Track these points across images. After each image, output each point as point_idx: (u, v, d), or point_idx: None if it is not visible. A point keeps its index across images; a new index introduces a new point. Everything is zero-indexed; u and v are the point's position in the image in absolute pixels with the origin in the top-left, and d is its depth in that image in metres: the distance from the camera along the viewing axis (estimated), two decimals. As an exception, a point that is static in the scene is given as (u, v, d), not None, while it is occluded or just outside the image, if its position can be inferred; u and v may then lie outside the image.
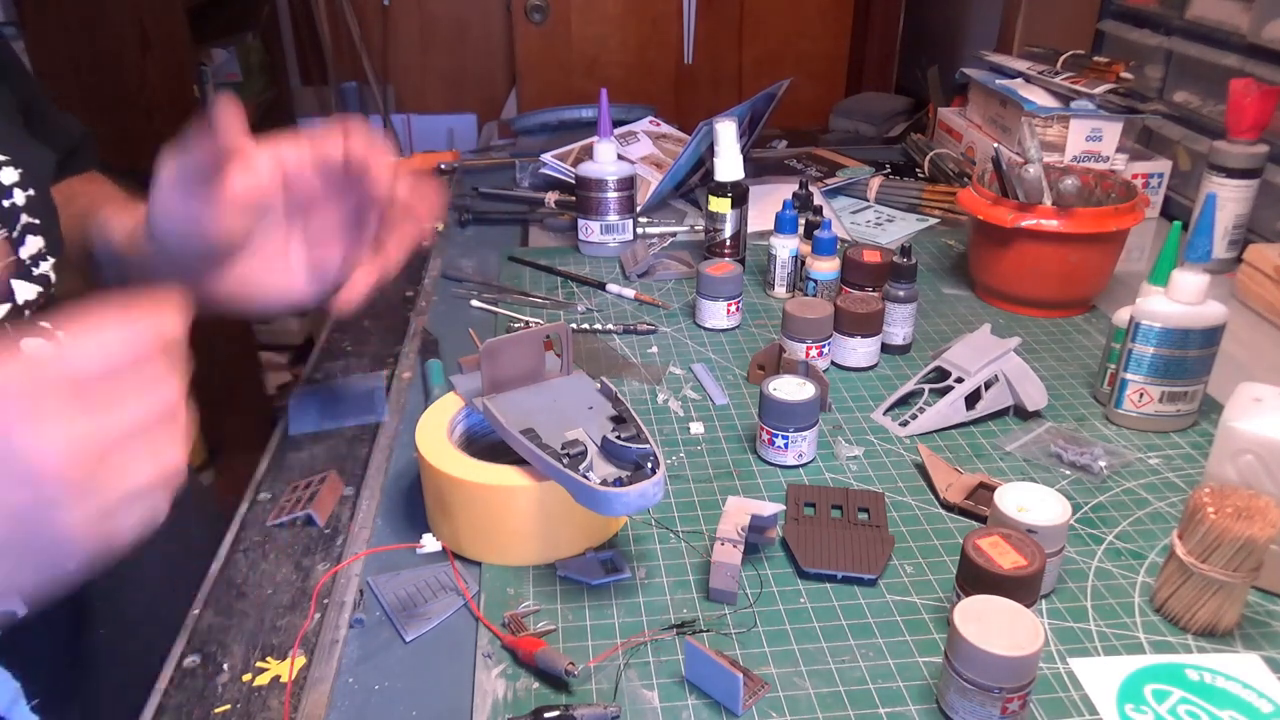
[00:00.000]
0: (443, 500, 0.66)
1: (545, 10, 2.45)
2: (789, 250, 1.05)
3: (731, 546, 0.61)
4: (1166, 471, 0.76)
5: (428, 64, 2.58)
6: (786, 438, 0.75)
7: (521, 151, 1.58)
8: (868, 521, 0.69)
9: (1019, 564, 0.56)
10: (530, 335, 0.70)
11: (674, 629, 0.60)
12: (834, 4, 2.50)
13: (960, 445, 0.80)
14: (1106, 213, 0.96)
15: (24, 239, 0.61)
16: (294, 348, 2.63)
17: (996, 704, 0.51)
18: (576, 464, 0.61)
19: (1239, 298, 1.07)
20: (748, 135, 1.37)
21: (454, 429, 0.70)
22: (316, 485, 0.74)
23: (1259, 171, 1.10)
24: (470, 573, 0.65)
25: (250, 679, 0.57)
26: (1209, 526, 0.57)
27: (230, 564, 0.67)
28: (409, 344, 0.97)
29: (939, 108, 1.60)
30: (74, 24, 1.90)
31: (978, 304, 1.07)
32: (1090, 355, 0.95)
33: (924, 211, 1.32)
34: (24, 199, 0.61)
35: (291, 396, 0.87)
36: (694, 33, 2.50)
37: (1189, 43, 1.29)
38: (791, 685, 0.56)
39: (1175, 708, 0.54)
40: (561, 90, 2.46)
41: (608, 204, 1.17)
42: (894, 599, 0.63)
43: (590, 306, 1.05)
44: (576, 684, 0.56)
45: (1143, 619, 0.61)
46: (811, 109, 2.37)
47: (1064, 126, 1.25)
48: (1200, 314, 0.77)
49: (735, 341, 0.98)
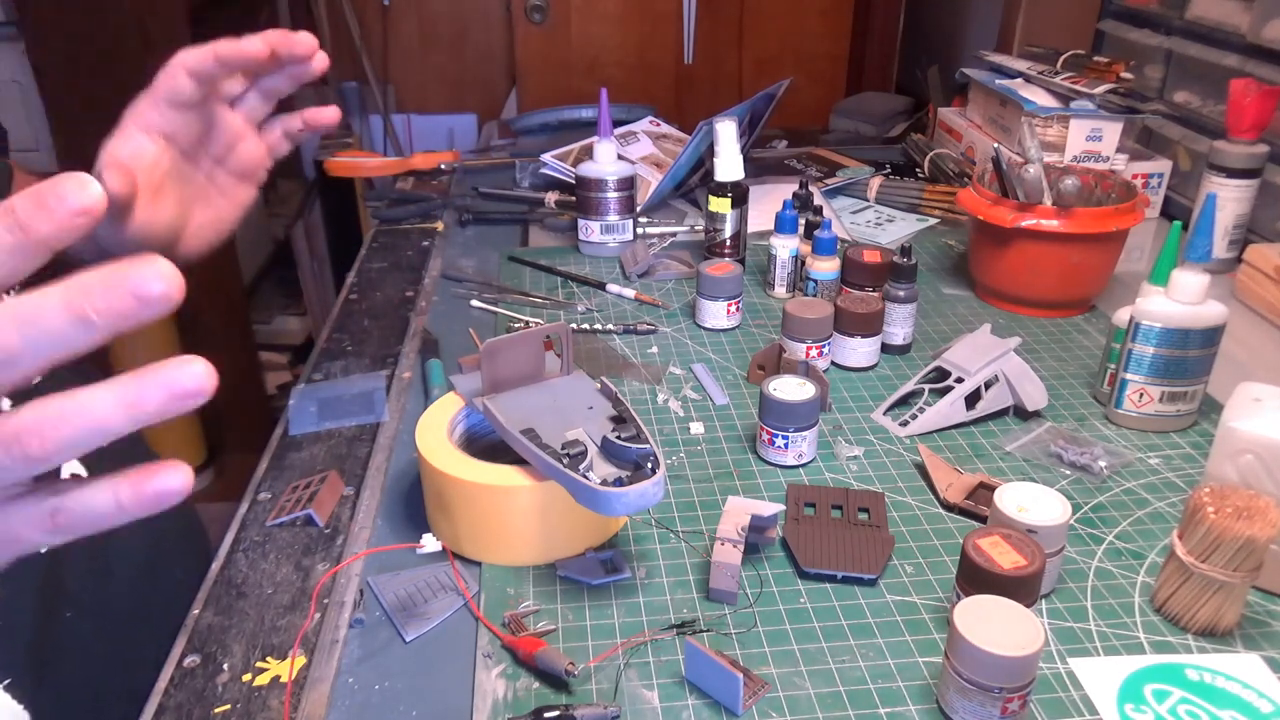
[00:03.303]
0: (443, 500, 0.66)
1: (545, 10, 2.45)
2: (789, 250, 1.05)
3: (731, 546, 0.61)
4: (1166, 471, 0.76)
5: (428, 64, 2.58)
6: (786, 438, 0.75)
7: (521, 151, 1.58)
8: (868, 521, 0.69)
9: (1019, 564, 0.56)
10: (530, 335, 0.70)
11: (674, 629, 0.60)
12: (834, 4, 2.50)
13: (960, 445, 0.80)
14: (1106, 213, 0.96)
15: None
16: (294, 348, 2.63)
17: (996, 704, 0.51)
18: (576, 464, 0.61)
19: (1239, 298, 1.07)
20: (748, 135, 1.37)
21: (454, 429, 0.70)
22: (316, 485, 0.74)
23: (1259, 171, 1.10)
24: (470, 573, 0.65)
25: (250, 679, 0.57)
26: (1209, 526, 0.57)
27: (230, 564, 0.67)
28: (409, 344, 0.97)
29: (939, 108, 1.60)
30: (74, 24, 1.89)
31: (978, 304, 1.07)
32: (1090, 355, 0.95)
33: (924, 211, 1.32)
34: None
35: (291, 396, 0.87)
36: (694, 33, 2.50)
37: (1189, 43, 1.29)
38: (791, 685, 0.56)
39: (1175, 708, 0.54)
40: (561, 90, 2.46)
41: (608, 204, 1.17)
42: (894, 599, 0.63)
43: (590, 306, 1.05)
44: (576, 684, 0.56)
45: (1143, 619, 0.61)
46: (811, 109, 2.36)
47: (1064, 126, 1.25)
48: (1200, 314, 0.76)
49: (735, 341, 0.98)
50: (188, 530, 0.79)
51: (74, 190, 0.28)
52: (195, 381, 0.29)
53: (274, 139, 0.66)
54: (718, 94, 2.52)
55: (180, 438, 2.21)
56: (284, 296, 2.66)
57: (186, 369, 0.29)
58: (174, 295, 0.28)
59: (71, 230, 0.28)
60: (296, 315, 2.64)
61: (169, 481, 0.31)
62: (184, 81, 0.59)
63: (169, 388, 0.29)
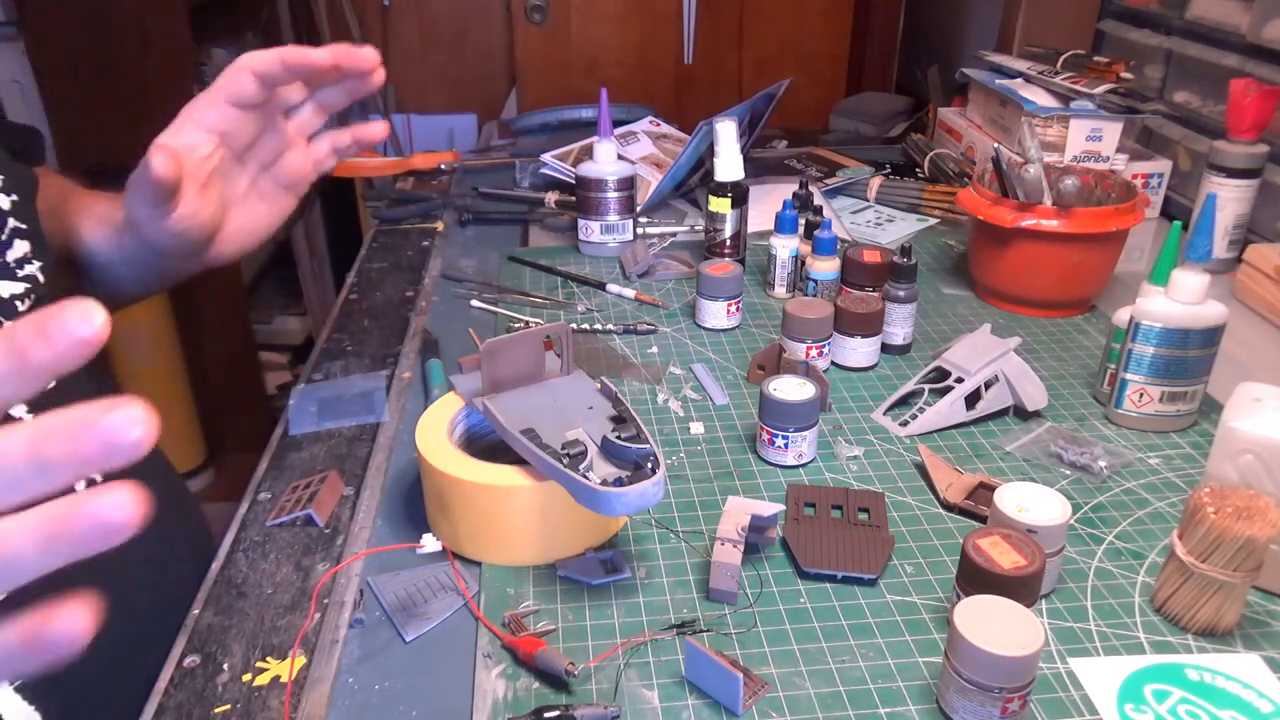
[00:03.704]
0: (443, 500, 0.66)
1: (545, 10, 2.45)
2: (789, 250, 1.05)
3: (731, 546, 0.61)
4: (1166, 471, 0.76)
5: (428, 64, 2.58)
6: (786, 438, 0.75)
7: (521, 151, 1.58)
8: (868, 521, 0.69)
9: (1019, 564, 0.56)
10: (530, 335, 0.70)
11: (674, 629, 0.60)
12: (834, 4, 2.50)
13: (960, 445, 0.80)
14: (1106, 213, 0.96)
15: (11, 242, 0.61)
16: (294, 348, 2.63)
17: (996, 704, 0.51)
18: (576, 464, 0.61)
19: (1239, 298, 1.07)
20: (748, 135, 1.37)
21: (454, 429, 0.70)
22: (316, 485, 0.74)
23: (1259, 171, 1.10)
24: (470, 573, 0.65)
25: (250, 679, 0.57)
26: (1209, 526, 0.57)
27: (230, 564, 0.67)
28: (409, 344, 0.97)
29: (939, 108, 1.60)
30: (74, 24, 1.90)
31: (978, 304, 1.07)
32: (1090, 355, 0.95)
33: (924, 211, 1.32)
34: (9, 203, 0.62)
35: (291, 396, 0.87)
36: (694, 33, 2.50)
37: (1189, 43, 1.29)
38: (791, 685, 0.56)
39: (1175, 708, 0.54)
40: (561, 90, 2.46)
41: (608, 204, 1.17)
42: (894, 599, 0.63)
43: (590, 306, 1.05)
44: (576, 684, 0.56)
45: (1143, 619, 0.61)
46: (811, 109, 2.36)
47: (1064, 126, 1.25)
48: (1200, 314, 0.77)
49: (735, 341, 0.98)
50: (196, 529, 0.79)
51: (76, 320, 0.27)
52: (122, 513, 0.27)
53: (321, 153, 0.67)
54: (718, 94, 2.52)
55: (180, 438, 2.21)
56: (284, 296, 2.66)
57: (109, 498, 0.27)
58: (145, 448, 0.27)
59: (72, 360, 0.27)
60: (296, 315, 2.64)
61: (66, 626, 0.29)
62: (248, 82, 0.59)
63: (93, 518, 0.27)
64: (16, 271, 0.61)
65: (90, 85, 1.94)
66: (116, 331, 1.92)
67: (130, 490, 0.27)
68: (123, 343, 2.05)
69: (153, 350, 2.10)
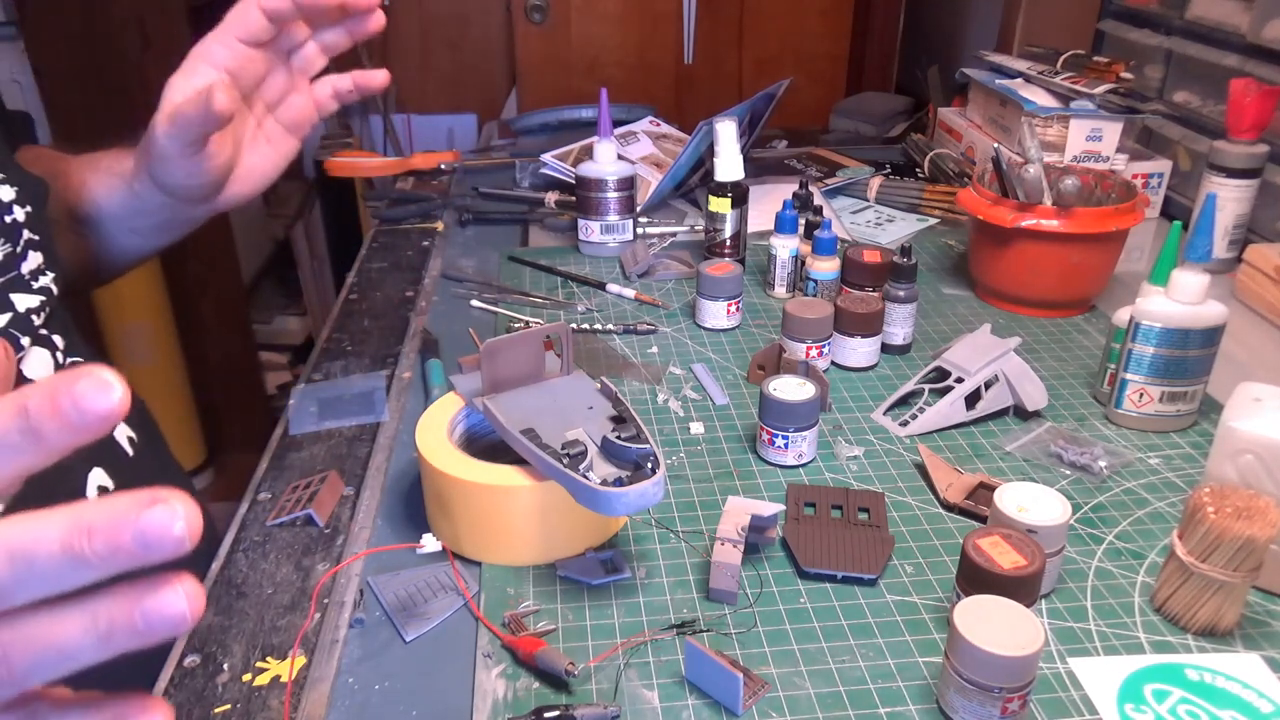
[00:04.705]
0: (443, 500, 0.66)
1: (545, 10, 2.45)
2: (789, 250, 1.05)
3: (731, 546, 0.61)
4: (1166, 471, 0.76)
5: (428, 64, 2.58)
6: (786, 438, 0.75)
7: (521, 151, 1.58)
8: (868, 521, 0.69)
9: (1019, 564, 0.56)
10: (530, 335, 0.70)
11: (674, 629, 0.60)
12: (834, 4, 2.50)
13: (960, 445, 0.80)
14: (1106, 213, 0.96)
15: (26, 254, 0.61)
16: (294, 348, 2.63)
17: (996, 704, 0.51)
18: (576, 464, 0.61)
19: (1239, 298, 1.07)
20: (748, 135, 1.37)
21: (454, 429, 0.70)
22: (316, 485, 0.74)
23: (1259, 171, 1.10)
24: (470, 573, 0.65)
25: (250, 679, 0.57)
26: (1209, 526, 0.57)
27: (230, 564, 0.67)
28: (409, 344, 0.97)
29: (939, 108, 1.60)
30: (74, 24, 1.90)
31: (978, 304, 1.07)
32: (1090, 355, 0.95)
33: (924, 211, 1.32)
34: (23, 215, 0.62)
35: (292, 396, 0.87)
36: (694, 33, 2.50)
37: (1189, 43, 1.29)
38: (791, 685, 0.56)
39: (1175, 708, 0.54)
40: (561, 90, 2.46)
41: (608, 204, 1.17)
42: (894, 599, 0.63)
43: (590, 306, 1.05)
44: (576, 684, 0.56)
45: (1143, 619, 0.61)
46: (811, 109, 2.36)
47: (1064, 126, 1.25)
48: (1200, 314, 0.76)
49: (735, 341, 0.98)
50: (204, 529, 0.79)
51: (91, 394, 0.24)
52: (178, 609, 0.26)
53: (323, 96, 0.68)
54: (718, 94, 2.52)
55: (180, 438, 2.21)
56: (284, 296, 2.66)
57: (169, 595, 0.26)
58: (188, 545, 0.25)
59: (88, 436, 0.25)
60: (296, 315, 2.64)
61: None
62: (256, 17, 0.60)
63: (151, 616, 0.26)
64: (31, 284, 0.61)
65: (90, 85, 1.94)
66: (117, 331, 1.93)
67: (193, 584, 0.26)
68: (123, 343, 2.05)
69: (153, 350, 2.10)
